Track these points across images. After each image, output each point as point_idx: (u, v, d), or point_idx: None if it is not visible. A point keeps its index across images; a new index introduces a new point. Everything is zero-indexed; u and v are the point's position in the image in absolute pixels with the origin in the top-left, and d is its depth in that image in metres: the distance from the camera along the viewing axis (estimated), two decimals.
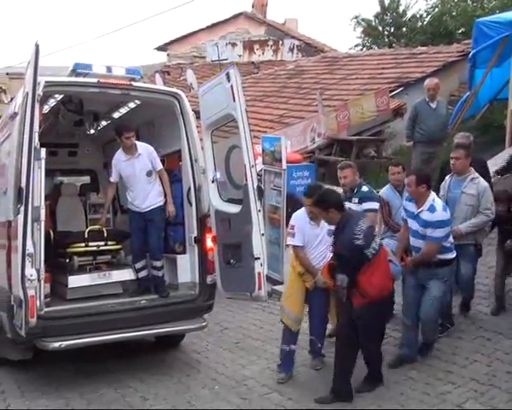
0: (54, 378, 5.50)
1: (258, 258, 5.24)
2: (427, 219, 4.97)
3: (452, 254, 5.15)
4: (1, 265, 5.30)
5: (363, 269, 4.62)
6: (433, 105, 8.23)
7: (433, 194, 5.13)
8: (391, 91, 12.39)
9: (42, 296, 4.67)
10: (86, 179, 8.75)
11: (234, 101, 5.33)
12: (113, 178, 6.36)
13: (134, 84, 5.91)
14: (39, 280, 4.58)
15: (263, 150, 9.64)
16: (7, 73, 25.22)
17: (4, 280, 5.17)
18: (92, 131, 7.84)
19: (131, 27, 33.93)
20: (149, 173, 6.10)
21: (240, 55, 23.76)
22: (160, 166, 6.15)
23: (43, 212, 4.66)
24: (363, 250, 4.59)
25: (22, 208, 4.46)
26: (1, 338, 5.51)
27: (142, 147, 6.16)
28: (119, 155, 6.18)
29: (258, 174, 8.52)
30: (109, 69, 5.84)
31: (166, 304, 5.84)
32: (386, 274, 4.81)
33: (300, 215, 5.36)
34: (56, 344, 4.89)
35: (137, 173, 6.10)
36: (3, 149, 6.10)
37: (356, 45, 25.13)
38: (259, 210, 5.26)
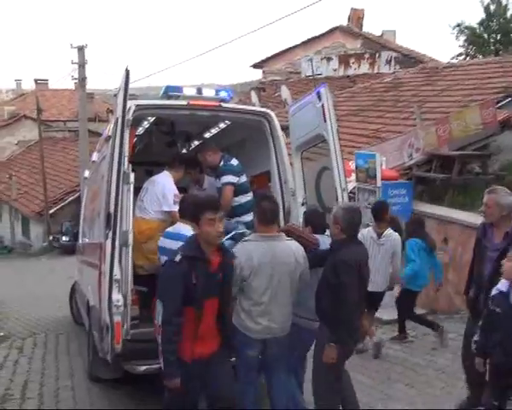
0: (142, 397, 5.47)
1: None
2: None
3: None
4: (94, 285, 5.42)
5: None
6: None
7: None
8: (497, 102, 11.52)
9: (128, 321, 4.65)
10: None
11: (325, 121, 5.12)
12: None
13: (223, 105, 5.84)
14: (126, 305, 4.57)
15: (356, 167, 9.32)
16: (114, 95, 26.80)
17: (97, 300, 5.27)
18: (184, 151, 7.93)
19: (230, 45, 34.93)
20: None
21: (335, 70, 23.50)
22: None
23: (131, 236, 4.67)
24: None
25: (110, 234, 4.49)
26: (94, 357, 5.64)
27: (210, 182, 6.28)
28: None
29: (351, 192, 8.28)
30: (199, 91, 5.84)
31: None
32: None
33: None
34: (142, 368, 4.85)
35: None
36: (100, 171, 6.29)
37: (458, 55, 24.13)
38: None
